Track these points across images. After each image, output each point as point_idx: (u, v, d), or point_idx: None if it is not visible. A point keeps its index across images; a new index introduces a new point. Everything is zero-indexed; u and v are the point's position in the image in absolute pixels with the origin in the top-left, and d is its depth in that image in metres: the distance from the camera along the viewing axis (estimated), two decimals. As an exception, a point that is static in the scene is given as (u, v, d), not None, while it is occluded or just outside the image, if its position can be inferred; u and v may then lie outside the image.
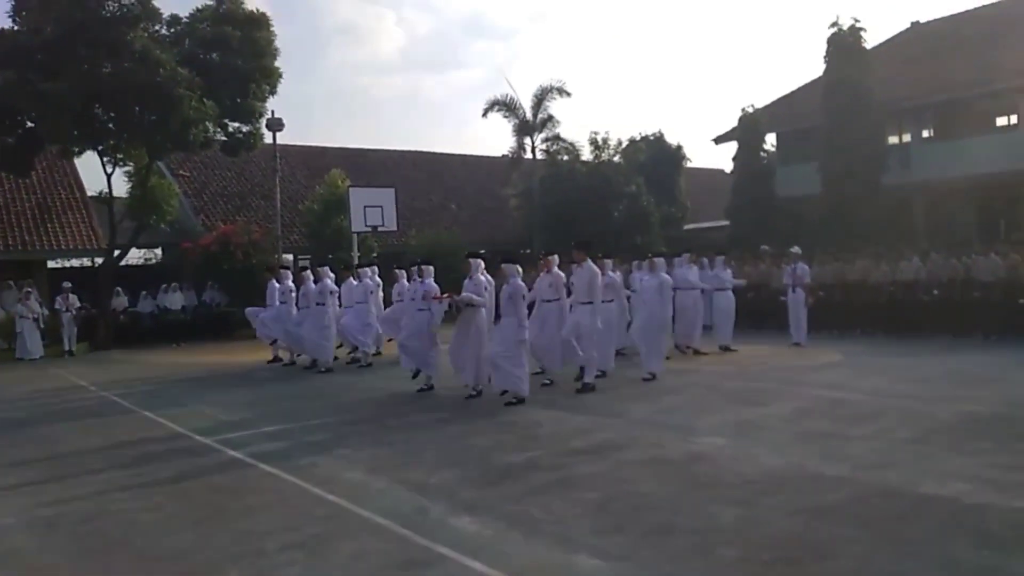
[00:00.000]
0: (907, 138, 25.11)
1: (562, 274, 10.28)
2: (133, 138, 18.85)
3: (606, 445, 7.03)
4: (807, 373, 10.90)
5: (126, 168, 20.78)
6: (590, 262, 10.02)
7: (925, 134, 25.15)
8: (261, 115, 20.45)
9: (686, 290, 13.08)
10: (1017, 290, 13.35)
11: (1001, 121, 24.00)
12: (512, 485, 5.85)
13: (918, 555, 4.22)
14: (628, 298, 12.62)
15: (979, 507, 4.90)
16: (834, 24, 23.07)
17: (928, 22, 29.02)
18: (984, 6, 26.86)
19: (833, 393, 9.23)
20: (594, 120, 71.66)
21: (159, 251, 27.79)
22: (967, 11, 27.40)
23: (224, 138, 20.40)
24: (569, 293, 10.24)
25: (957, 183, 21.99)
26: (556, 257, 10.38)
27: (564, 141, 27.45)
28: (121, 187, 21.47)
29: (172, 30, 19.19)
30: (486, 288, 9.81)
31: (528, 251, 10.66)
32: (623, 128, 53.21)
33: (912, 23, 29.63)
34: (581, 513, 5.15)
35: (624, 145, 28.31)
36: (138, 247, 23.94)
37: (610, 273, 11.18)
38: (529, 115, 27.08)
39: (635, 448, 6.87)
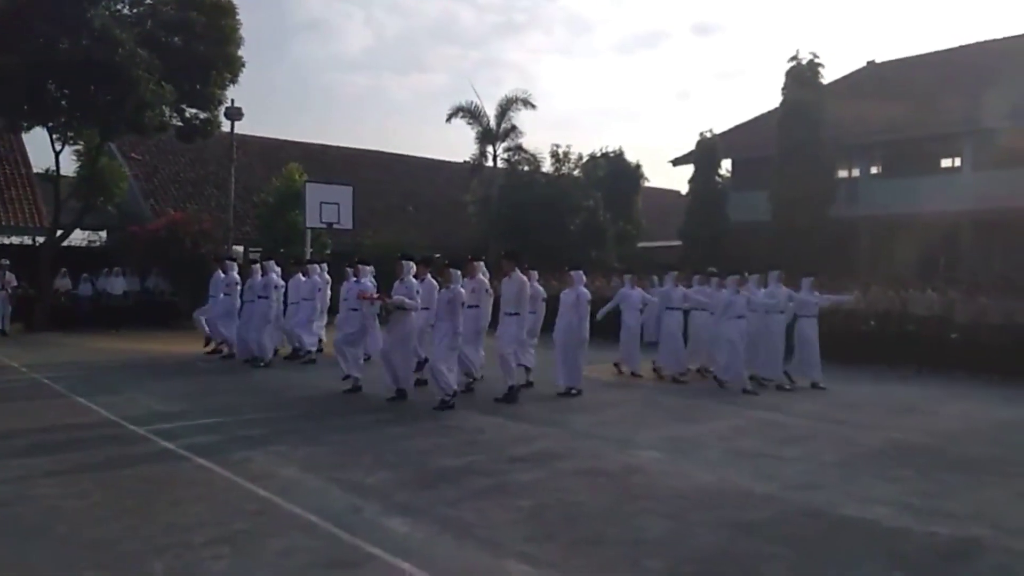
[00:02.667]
0: (856, 173, 25.91)
1: (485, 281, 10.25)
2: (86, 117, 18.36)
3: (544, 454, 7.09)
4: (745, 394, 11.12)
5: (76, 147, 20.23)
6: (518, 272, 10.08)
7: (873, 170, 26.00)
8: (220, 103, 20.11)
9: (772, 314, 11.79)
10: (950, 326, 13.84)
11: (946, 163, 24.95)
12: (448, 489, 5.86)
13: (836, 574, 4.36)
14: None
15: (897, 531, 5.08)
16: (793, 58, 23.74)
17: (883, 63, 30.01)
18: (937, 52, 27.91)
19: (768, 414, 9.46)
20: (556, 133, 72.00)
21: (103, 234, 27.06)
22: (921, 55, 28.45)
23: (180, 123, 19.99)
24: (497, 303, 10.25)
25: (901, 219, 22.74)
26: (481, 263, 10.35)
27: (526, 152, 27.63)
28: (69, 166, 20.93)
29: (135, 10, 18.76)
30: (417, 291, 9.73)
31: (484, 258, 10.66)
32: (584, 143, 53.81)
33: (868, 62, 30.62)
34: (514, 520, 5.19)
35: (584, 160, 28.64)
36: (82, 228, 23.28)
37: (535, 284, 11.02)
38: (493, 124, 27.18)
39: (573, 458, 6.95)
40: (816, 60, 23.59)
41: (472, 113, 27.12)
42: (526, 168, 27.49)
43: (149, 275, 21.11)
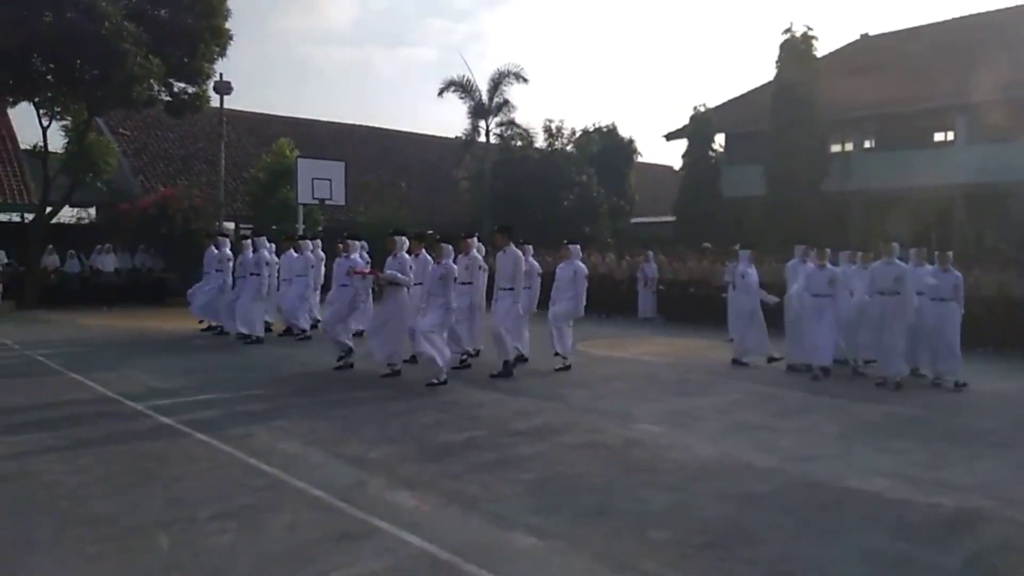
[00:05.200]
0: (849, 147, 25.89)
1: (479, 257, 10.18)
2: (73, 92, 18.06)
3: (545, 428, 7.10)
4: (742, 367, 11.17)
5: (63, 122, 19.91)
6: (513, 247, 10.02)
7: (866, 144, 25.97)
8: (209, 77, 19.78)
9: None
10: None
11: (938, 137, 24.95)
12: (451, 463, 5.86)
13: (839, 544, 4.40)
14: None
15: (899, 502, 5.12)
16: (787, 31, 23.60)
17: (876, 36, 29.88)
18: (930, 24, 27.81)
19: (765, 388, 9.49)
20: (549, 108, 71.62)
21: (93, 211, 26.79)
22: (914, 28, 28.33)
23: (168, 98, 19.66)
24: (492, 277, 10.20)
25: (893, 193, 22.77)
26: (475, 239, 10.27)
27: (519, 127, 27.43)
28: (57, 142, 20.63)
29: (119, -18, 18.38)
30: (410, 266, 9.68)
31: (477, 234, 10.58)
32: (577, 118, 53.52)
33: (862, 35, 30.51)
34: (519, 492, 5.20)
35: (577, 135, 28.47)
36: (71, 205, 23.03)
37: (531, 259, 10.87)
38: (485, 98, 26.93)
39: (574, 432, 6.96)
40: (810, 33, 23.47)
41: (464, 87, 26.87)
42: (519, 143, 27.32)
43: (139, 252, 20.93)
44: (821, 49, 24.22)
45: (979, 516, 4.86)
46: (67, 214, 24.07)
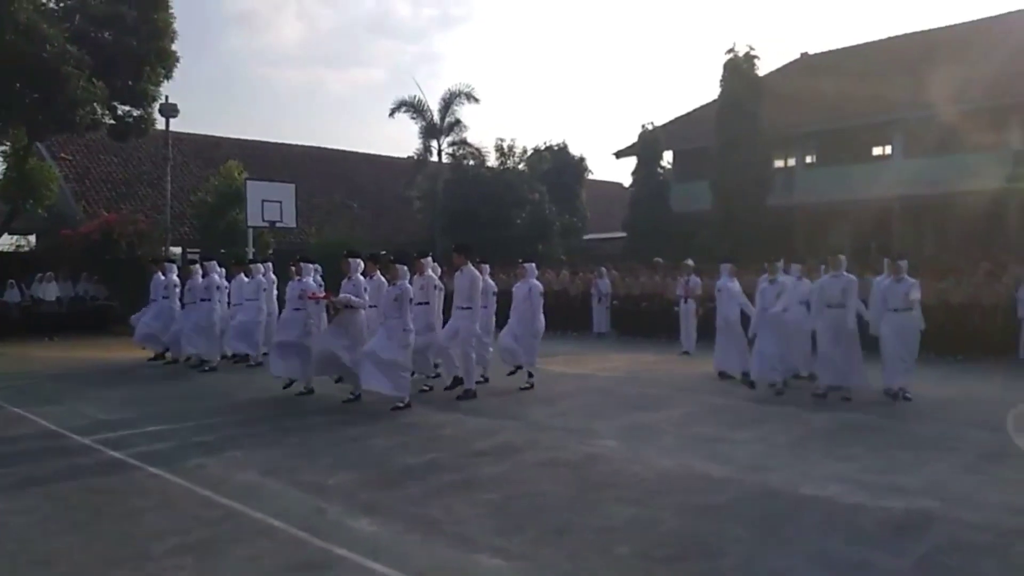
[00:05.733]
0: (792, 162, 26.64)
1: (434, 277, 10.18)
2: (12, 116, 17.58)
3: (506, 447, 7.10)
4: (696, 380, 11.34)
5: (1, 148, 19.38)
6: (470, 266, 10.03)
7: (808, 159, 26.74)
8: (154, 99, 19.50)
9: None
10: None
11: (877, 151, 25.82)
12: (412, 486, 5.82)
13: (798, 551, 4.49)
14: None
15: (853, 507, 5.25)
16: (730, 50, 24.21)
17: (816, 54, 30.85)
18: (867, 43, 28.85)
19: (719, 399, 9.66)
20: (500, 127, 72.08)
21: (32, 238, 26.01)
22: (852, 46, 29.36)
23: (112, 122, 19.31)
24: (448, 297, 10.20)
25: (835, 206, 23.48)
26: (430, 259, 10.30)
27: (470, 146, 27.62)
28: (-5, 168, 20.02)
29: (61, 4, 18.04)
30: (365, 289, 9.61)
31: (431, 254, 10.51)
32: (528, 137, 53.99)
33: (802, 54, 31.45)
34: (482, 514, 5.19)
35: (529, 154, 28.75)
36: (10, 233, 22.33)
37: (487, 279, 10.88)
38: (437, 118, 27.02)
39: (535, 450, 6.98)
40: (752, 52, 24.12)
41: (415, 108, 26.93)
42: (471, 162, 27.46)
43: (82, 279, 20.35)
44: (763, 68, 24.93)
45: (929, 517, 5.01)
46: (5, 241, 23.32)
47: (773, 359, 9.96)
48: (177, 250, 22.50)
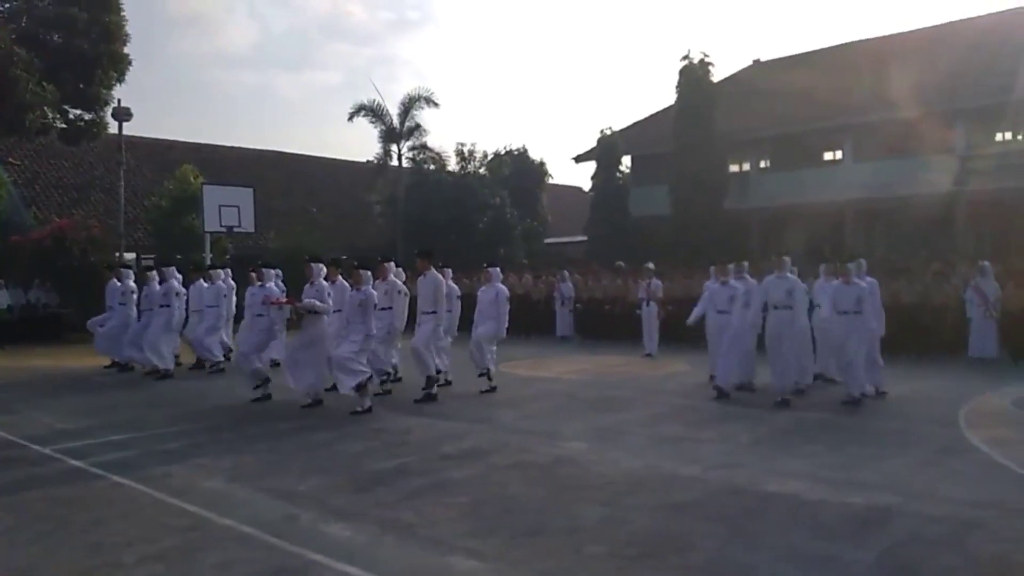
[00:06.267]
0: (746, 167, 27.16)
1: (397, 282, 10.19)
2: (-43, 120, 17.10)
3: (476, 450, 7.13)
4: (659, 381, 11.50)
5: (-54, 152, 18.80)
6: (434, 271, 10.07)
7: (762, 164, 27.30)
8: (107, 103, 19.12)
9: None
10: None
11: (828, 156, 26.47)
12: (384, 491, 5.82)
13: (765, 547, 4.61)
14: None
15: (816, 503, 5.40)
16: (686, 57, 24.64)
17: (767, 61, 31.54)
18: (817, 51, 29.57)
19: (683, 400, 9.82)
20: (461, 131, 71.94)
21: (-21, 245, 25.21)
22: (802, 54, 30.06)
23: (64, 126, 18.88)
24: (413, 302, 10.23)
25: (789, 210, 24.03)
26: (392, 264, 10.30)
27: (431, 150, 27.62)
28: (-61, 173, 19.38)
29: (8, 5, 17.59)
30: (329, 293, 9.55)
31: (393, 259, 10.50)
32: (489, 141, 54.17)
33: (754, 61, 32.11)
34: (454, 517, 5.22)
35: (490, 158, 28.82)
36: (-44, 239, 21.60)
37: (450, 283, 10.94)
38: (396, 122, 26.93)
39: (504, 452, 7.02)
40: (707, 60, 24.57)
41: (375, 112, 26.81)
42: (432, 167, 27.44)
43: (33, 287, 19.80)
44: (717, 74, 25.39)
45: (889, 512, 5.18)
46: (-49, 249, 22.55)
47: (737, 364, 10.05)
48: (131, 256, 22.03)
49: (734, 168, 26.78)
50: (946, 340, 13.52)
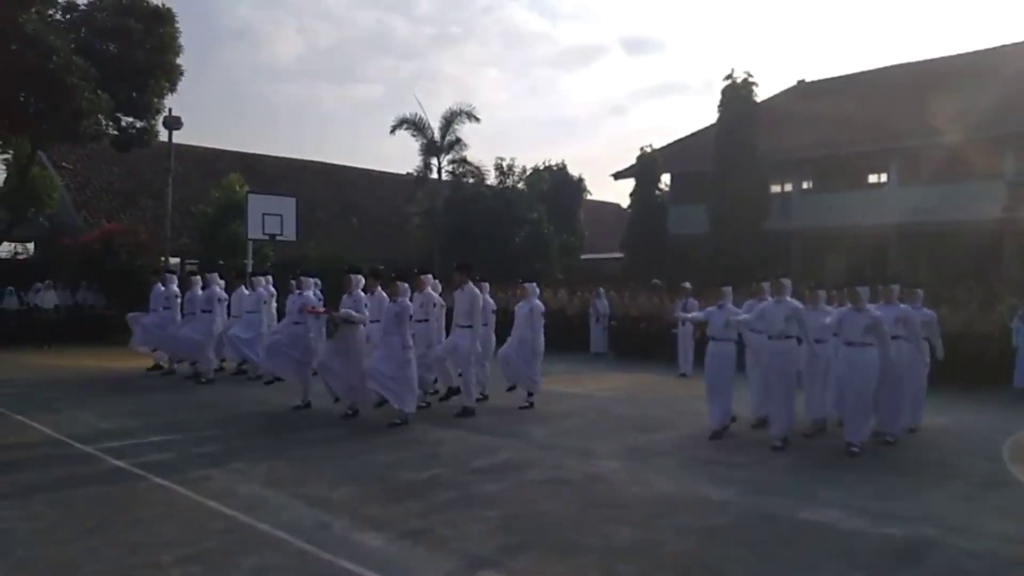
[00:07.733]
0: (788, 188, 26.84)
1: (434, 295, 10.26)
2: (16, 125, 17.70)
3: (507, 465, 7.16)
4: (693, 402, 11.37)
5: (4, 156, 19.48)
6: (471, 285, 10.09)
7: (805, 185, 26.97)
8: (158, 112, 19.65)
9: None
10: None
11: (872, 178, 26.07)
12: (415, 502, 5.87)
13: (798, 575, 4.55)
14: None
15: (852, 533, 5.32)
16: (729, 76, 24.48)
17: (812, 82, 31.22)
18: (862, 72, 29.20)
19: (718, 423, 9.69)
20: (495, 146, 72.42)
21: (31, 246, 26.02)
22: (847, 75, 29.71)
23: (116, 133, 19.44)
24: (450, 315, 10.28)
25: (831, 232, 23.69)
26: (430, 276, 10.37)
27: (470, 164, 27.77)
28: (-3, 175, 20.11)
29: (68, 16, 18.21)
30: (366, 304, 9.64)
31: (431, 271, 10.63)
32: (528, 156, 54.39)
33: (799, 81, 31.80)
34: (485, 530, 5.24)
35: (528, 173, 28.91)
36: (9, 240, 22.36)
37: (487, 296, 10.89)
38: (437, 136, 27.19)
39: (535, 468, 7.03)
40: (750, 79, 24.38)
41: (416, 125, 27.09)
42: (471, 180, 27.62)
43: (80, 288, 20.37)
44: (761, 94, 25.20)
45: (927, 545, 5.08)
46: (3, 249, 23.36)
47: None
48: (176, 260, 22.54)
49: (775, 189, 26.49)
50: (991, 370, 13.20)
